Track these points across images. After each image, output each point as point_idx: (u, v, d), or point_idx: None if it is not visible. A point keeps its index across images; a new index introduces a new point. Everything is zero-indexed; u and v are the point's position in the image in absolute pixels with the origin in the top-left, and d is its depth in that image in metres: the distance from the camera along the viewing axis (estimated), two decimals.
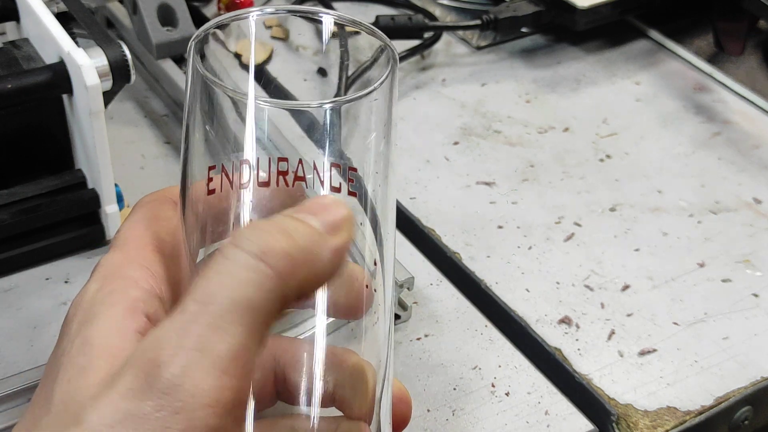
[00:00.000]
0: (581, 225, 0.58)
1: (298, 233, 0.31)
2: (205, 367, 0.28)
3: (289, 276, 0.30)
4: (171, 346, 0.29)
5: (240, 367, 0.29)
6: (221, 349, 0.29)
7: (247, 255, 0.30)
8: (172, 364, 0.28)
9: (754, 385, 0.49)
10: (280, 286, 0.30)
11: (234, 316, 0.29)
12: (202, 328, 0.29)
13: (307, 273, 0.31)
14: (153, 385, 0.28)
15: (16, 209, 0.50)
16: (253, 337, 0.29)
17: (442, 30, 0.74)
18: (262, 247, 0.30)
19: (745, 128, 0.67)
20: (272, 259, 0.30)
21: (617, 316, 0.52)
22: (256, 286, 0.30)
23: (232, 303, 0.29)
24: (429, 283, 0.53)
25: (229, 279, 0.30)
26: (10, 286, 0.51)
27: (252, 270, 0.30)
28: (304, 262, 0.31)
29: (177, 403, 0.28)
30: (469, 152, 0.64)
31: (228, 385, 0.29)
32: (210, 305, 0.29)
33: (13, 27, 0.55)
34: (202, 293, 0.30)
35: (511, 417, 0.46)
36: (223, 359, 0.29)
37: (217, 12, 0.75)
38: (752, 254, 0.57)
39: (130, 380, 0.29)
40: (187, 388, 0.28)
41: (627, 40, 0.76)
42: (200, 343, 0.29)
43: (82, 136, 0.50)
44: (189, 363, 0.28)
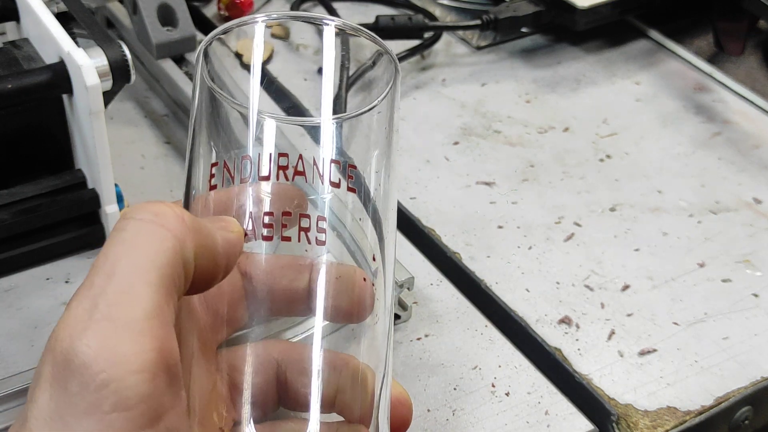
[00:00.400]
0: (581, 225, 0.58)
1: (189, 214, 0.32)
2: (119, 334, 0.28)
3: (184, 237, 0.30)
4: (81, 321, 0.28)
5: (157, 327, 0.29)
6: (132, 312, 0.28)
7: (140, 221, 0.30)
8: (85, 338, 0.28)
9: (754, 385, 0.49)
10: (177, 246, 0.30)
11: (139, 278, 0.29)
12: (110, 297, 0.28)
13: (200, 240, 0.31)
14: (71, 363, 0.28)
15: (16, 209, 0.50)
16: (163, 295, 0.29)
17: (442, 30, 0.74)
18: (155, 211, 0.30)
19: (745, 128, 0.67)
20: (165, 220, 0.30)
21: (617, 316, 0.52)
22: (153, 246, 0.30)
23: (135, 267, 0.29)
24: (429, 283, 0.53)
25: (126, 246, 0.30)
26: (10, 286, 0.51)
27: (148, 233, 0.30)
28: (196, 230, 0.31)
29: (100, 376, 0.27)
30: (469, 152, 0.64)
31: (149, 346, 0.28)
32: (113, 275, 0.29)
33: (13, 27, 0.55)
34: (103, 267, 0.29)
35: (511, 417, 0.46)
36: (137, 322, 0.28)
37: (217, 12, 0.75)
38: (752, 254, 0.57)
39: (50, 364, 0.28)
40: (106, 358, 0.27)
41: (627, 40, 0.76)
42: (110, 312, 0.28)
43: (82, 136, 0.50)
44: (102, 334, 0.28)
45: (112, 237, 0.30)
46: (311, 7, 0.77)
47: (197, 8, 0.73)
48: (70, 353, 0.28)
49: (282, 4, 0.77)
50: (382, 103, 0.36)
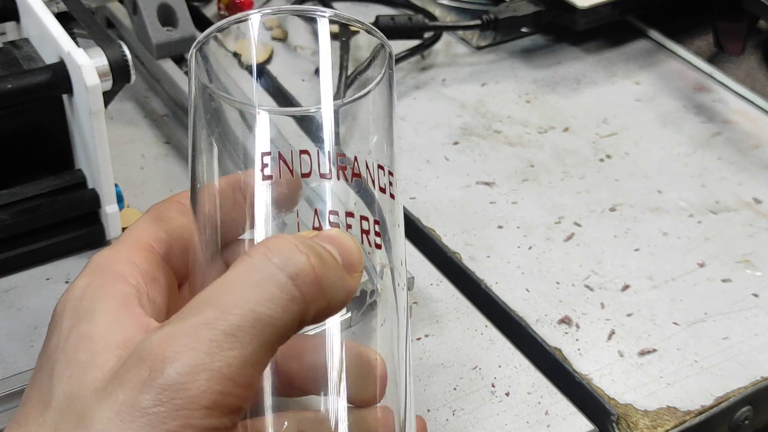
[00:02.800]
0: (581, 225, 0.58)
1: (328, 260, 0.31)
2: (212, 372, 0.28)
3: (313, 304, 0.30)
4: (181, 344, 0.28)
5: (247, 377, 0.29)
6: (232, 356, 0.28)
7: (278, 271, 0.30)
8: (178, 362, 0.28)
9: (754, 385, 0.49)
10: (303, 311, 0.30)
11: (252, 329, 0.29)
12: (217, 333, 0.28)
13: (327, 305, 0.31)
14: (155, 380, 0.28)
15: (16, 209, 0.50)
16: (266, 352, 0.29)
17: (442, 30, 0.74)
18: (296, 269, 0.30)
19: (745, 128, 0.67)
20: (303, 284, 0.30)
21: (617, 316, 0.52)
22: (281, 306, 0.29)
23: (254, 317, 0.29)
24: (429, 283, 0.53)
25: (255, 291, 0.29)
26: (10, 286, 0.51)
27: (281, 289, 0.29)
28: (327, 294, 0.31)
29: (176, 401, 0.28)
30: (469, 152, 0.64)
31: (232, 392, 0.29)
32: (230, 314, 0.29)
33: (13, 27, 0.55)
34: (222, 299, 0.29)
35: (511, 417, 0.46)
36: (232, 367, 0.28)
37: (217, 12, 0.75)
38: (752, 254, 0.57)
39: (135, 373, 0.28)
40: (190, 388, 0.28)
41: (627, 40, 0.76)
42: (211, 347, 0.28)
43: (82, 136, 0.50)
44: (196, 364, 0.28)
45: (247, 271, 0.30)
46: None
47: (197, 8, 0.73)
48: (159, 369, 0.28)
49: (282, 4, 0.77)
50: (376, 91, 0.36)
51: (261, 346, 0.29)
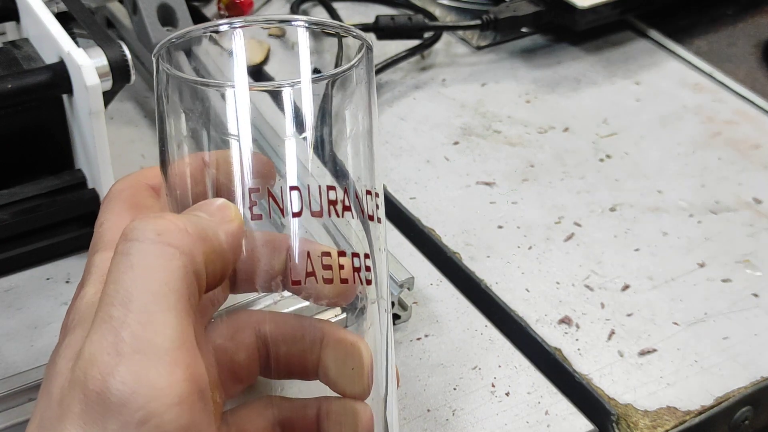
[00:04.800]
0: (581, 225, 0.58)
1: (191, 217, 0.31)
2: (154, 366, 0.27)
3: (193, 250, 0.30)
4: (109, 356, 0.27)
5: (186, 354, 0.28)
6: (161, 342, 0.28)
7: (144, 242, 0.29)
8: (117, 374, 0.27)
9: (754, 385, 0.49)
10: (188, 262, 0.29)
11: (159, 305, 0.28)
12: (134, 328, 0.28)
13: (208, 247, 0.30)
14: (107, 402, 0.27)
15: (16, 209, 0.50)
16: (185, 319, 0.29)
17: (442, 30, 0.74)
18: (158, 230, 0.29)
19: (745, 128, 0.67)
20: (171, 238, 0.29)
21: (617, 316, 0.52)
22: (166, 268, 0.29)
23: (152, 293, 0.28)
24: (429, 283, 0.53)
25: (138, 271, 0.29)
26: (10, 286, 0.51)
27: (156, 254, 0.29)
28: (202, 237, 0.30)
29: (139, 413, 0.27)
30: (469, 152, 0.64)
31: (182, 376, 0.28)
32: (130, 304, 0.28)
33: (13, 27, 0.55)
34: (117, 296, 0.28)
35: (511, 417, 0.46)
36: (168, 351, 0.28)
37: (217, 12, 0.75)
38: (752, 254, 0.57)
39: (80, 402, 0.27)
40: (144, 393, 0.27)
41: (627, 40, 0.76)
42: (137, 344, 0.27)
43: (82, 136, 0.50)
44: (135, 368, 0.27)
45: (119, 262, 0.29)
46: (311, 8, 0.77)
47: (197, 8, 0.73)
48: (105, 392, 0.27)
49: (282, 4, 0.77)
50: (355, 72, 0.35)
51: (177, 316, 0.28)
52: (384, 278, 0.35)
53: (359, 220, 0.34)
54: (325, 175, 0.34)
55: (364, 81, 0.36)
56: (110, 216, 0.35)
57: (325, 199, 0.33)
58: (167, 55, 0.34)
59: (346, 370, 0.34)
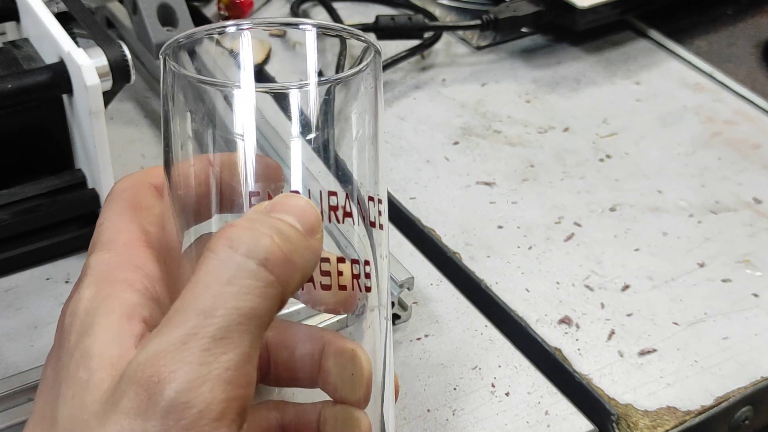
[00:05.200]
0: (581, 225, 0.58)
1: (291, 234, 0.30)
2: (212, 382, 0.27)
3: (289, 281, 0.30)
4: (172, 361, 0.28)
5: (245, 376, 0.28)
6: (227, 361, 0.28)
7: (247, 260, 0.29)
8: (175, 381, 0.27)
9: (754, 385, 0.49)
10: (281, 293, 0.29)
11: (239, 327, 0.28)
12: (206, 341, 0.28)
13: (301, 277, 0.30)
14: (157, 404, 0.27)
15: (16, 209, 0.50)
16: (257, 344, 0.29)
17: (442, 30, 0.74)
18: (264, 254, 0.29)
19: (745, 128, 0.67)
20: (275, 267, 0.29)
21: (617, 316, 0.52)
22: (260, 295, 0.29)
23: (238, 315, 0.28)
24: (429, 283, 0.53)
25: (233, 289, 0.29)
26: (10, 286, 0.51)
27: (255, 278, 0.29)
28: (299, 267, 0.30)
29: (183, 421, 0.27)
30: (469, 152, 0.64)
31: (235, 395, 0.28)
32: (212, 317, 0.28)
33: (13, 27, 0.55)
34: (201, 303, 0.28)
35: (511, 417, 0.46)
36: (230, 371, 0.28)
37: (217, 12, 0.75)
38: (752, 254, 0.57)
39: (132, 399, 0.28)
40: (195, 404, 0.27)
41: (627, 40, 0.76)
42: (204, 357, 0.28)
43: (82, 136, 0.50)
44: (194, 378, 0.27)
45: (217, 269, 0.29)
46: (311, 8, 0.77)
47: (197, 8, 0.73)
48: (158, 393, 0.27)
49: (282, 4, 0.77)
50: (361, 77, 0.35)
51: (252, 340, 0.28)
52: (384, 285, 0.35)
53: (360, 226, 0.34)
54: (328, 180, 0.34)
55: (371, 86, 0.36)
56: (110, 215, 0.35)
57: (326, 204, 0.33)
58: (173, 55, 0.34)
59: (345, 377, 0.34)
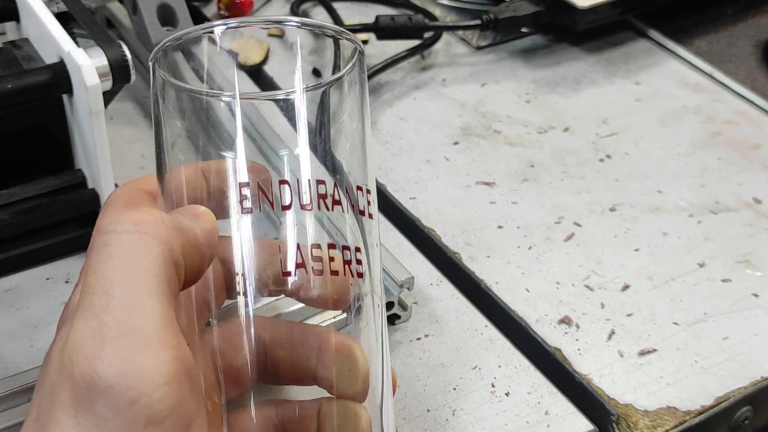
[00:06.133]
0: (581, 225, 0.58)
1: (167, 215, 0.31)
2: (137, 349, 0.27)
3: (169, 240, 0.30)
4: (94, 341, 0.28)
5: (171, 336, 0.28)
6: (146, 325, 0.28)
7: (122, 234, 0.30)
8: (104, 357, 0.27)
9: (754, 385, 0.49)
10: (166, 250, 0.30)
11: (140, 291, 0.28)
12: (117, 313, 0.28)
13: (184, 239, 0.31)
14: (96, 386, 0.27)
15: (16, 209, 0.50)
16: (166, 303, 0.29)
17: (442, 30, 0.74)
18: (135, 221, 0.30)
19: (745, 128, 0.67)
20: (148, 227, 0.30)
21: (617, 316, 0.52)
22: (145, 256, 0.29)
23: (134, 279, 0.29)
24: (429, 283, 0.53)
25: (117, 261, 0.29)
26: (10, 286, 0.51)
27: (134, 244, 0.29)
28: (177, 230, 0.31)
29: (129, 392, 0.27)
30: (469, 152, 0.64)
31: (168, 357, 0.28)
32: (113, 291, 0.28)
33: (13, 27, 0.55)
34: (98, 285, 0.29)
35: (511, 417, 0.46)
36: (153, 334, 0.28)
37: (217, 12, 0.75)
38: (752, 254, 0.57)
39: (69, 394, 0.28)
40: (132, 375, 0.27)
41: (627, 40, 0.76)
42: (122, 328, 0.28)
43: (82, 136, 0.50)
44: (121, 351, 0.27)
45: (97, 253, 0.30)
46: (311, 8, 0.77)
47: (197, 8, 0.73)
48: (93, 376, 0.27)
49: (282, 4, 0.77)
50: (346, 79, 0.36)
51: (159, 300, 0.29)
52: (377, 272, 0.35)
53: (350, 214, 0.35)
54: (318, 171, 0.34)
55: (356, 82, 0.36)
56: None
57: (315, 192, 0.33)
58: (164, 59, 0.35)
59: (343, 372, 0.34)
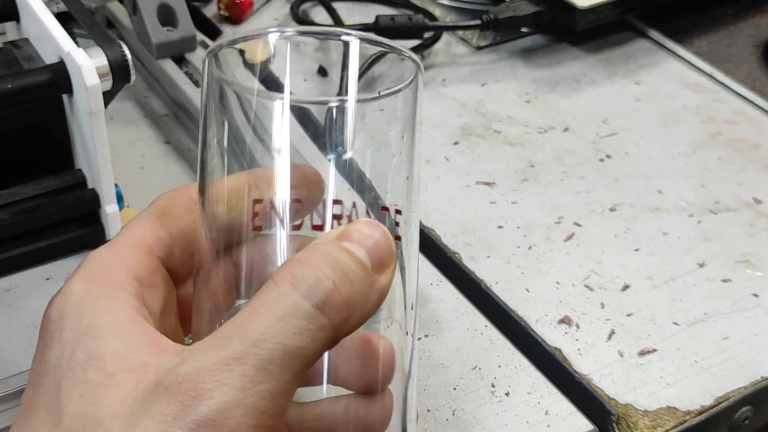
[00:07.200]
0: (581, 225, 0.58)
1: (354, 276, 0.30)
2: (246, 408, 0.28)
3: (343, 325, 0.30)
4: (212, 380, 0.28)
5: (278, 407, 0.29)
6: (264, 391, 0.28)
7: (304, 301, 0.29)
8: (212, 399, 0.28)
9: (754, 385, 0.49)
10: (333, 336, 0.30)
11: (283, 362, 0.29)
12: (249, 369, 0.28)
13: (358, 320, 0.31)
14: (188, 416, 0.28)
15: (16, 209, 0.50)
16: (296, 381, 0.29)
17: (442, 30, 0.74)
18: (323, 297, 0.29)
19: (745, 128, 0.67)
20: (331, 312, 0.29)
21: (617, 316, 0.52)
22: (311, 336, 0.29)
23: (284, 351, 0.29)
24: (429, 283, 0.53)
25: (283, 324, 0.29)
26: (10, 286, 0.51)
27: (309, 320, 0.29)
28: (357, 310, 0.30)
29: None
30: (469, 152, 0.64)
31: (265, 424, 0.28)
32: (259, 348, 0.29)
33: (13, 27, 0.55)
34: (251, 333, 0.29)
35: (511, 417, 0.46)
36: (265, 401, 0.28)
37: (217, 12, 0.75)
38: (752, 254, 0.57)
39: (165, 407, 0.28)
40: (225, 425, 0.28)
41: (627, 40, 0.76)
42: (244, 383, 0.28)
43: (82, 136, 0.50)
44: (230, 400, 0.28)
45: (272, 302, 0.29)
46: (311, 8, 0.77)
47: (197, 8, 0.73)
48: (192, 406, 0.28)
49: (282, 4, 0.77)
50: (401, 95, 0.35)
51: (292, 376, 0.29)
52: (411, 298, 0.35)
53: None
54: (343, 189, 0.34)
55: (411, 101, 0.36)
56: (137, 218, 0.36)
57: (330, 213, 0.33)
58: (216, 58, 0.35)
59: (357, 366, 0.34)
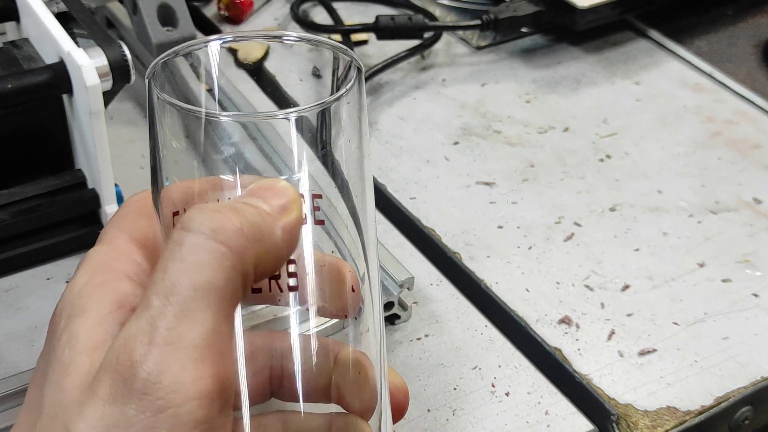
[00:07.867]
0: (581, 225, 0.58)
1: (248, 212, 0.31)
2: (181, 360, 0.28)
3: (245, 252, 0.30)
4: (141, 344, 0.28)
5: (216, 353, 0.28)
6: (193, 338, 0.28)
7: (198, 236, 0.29)
8: (146, 362, 0.28)
9: (754, 385, 0.49)
10: (238, 263, 0.29)
11: (199, 302, 0.28)
12: (169, 320, 0.28)
13: (262, 248, 0.30)
14: (131, 387, 0.28)
15: (16, 209, 0.50)
16: (222, 319, 0.29)
17: (442, 30, 0.74)
18: (213, 226, 0.29)
19: (745, 128, 0.67)
20: (225, 237, 0.29)
21: (617, 316, 0.52)
22: (214, 266, 0.29)
23: (194, 289, 0.28)
24: (429, 283, 0.53)
25: (186, 264, 0.29)
26: (10, 286, 0.51)
27: (207, 251, 0.29)
28: (257, 238, 0.30)
29: (159, 402, 0.27)
30: (469, 152, 0.64)
31: (207, 373, 0.28)
32: (172, 296, 0.28)
33: (13, 27, 0.55)
34: (161, 285, 0.29)
35: (511, 417, 0.46)
36: (197, 348, 0.28)
37: (216, 12, 0.75)
38: (752, 254, 0.57)
39: (108, 385, 0.28)
40: (167, 384, 0.27)
41: (627, 40, 0.76)
42: (170, 336, 0.28)
43: (82, 136, 0.50)
44: (163, 358, 0.28)
45: (171, 250, 0.29)
46: (311, 8, 0.77)
47: (197, 8, 0.73)
48: (131, 378, 0.28)
49: (282, 4, 0.77)
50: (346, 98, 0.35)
51: (215, 315, 0.29)
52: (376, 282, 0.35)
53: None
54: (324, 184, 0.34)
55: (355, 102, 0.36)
56: (114, 219, 0.35)
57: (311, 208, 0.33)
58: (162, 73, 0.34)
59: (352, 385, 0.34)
